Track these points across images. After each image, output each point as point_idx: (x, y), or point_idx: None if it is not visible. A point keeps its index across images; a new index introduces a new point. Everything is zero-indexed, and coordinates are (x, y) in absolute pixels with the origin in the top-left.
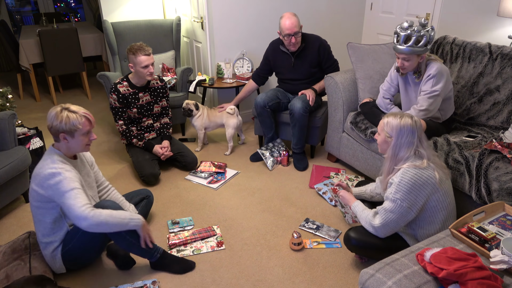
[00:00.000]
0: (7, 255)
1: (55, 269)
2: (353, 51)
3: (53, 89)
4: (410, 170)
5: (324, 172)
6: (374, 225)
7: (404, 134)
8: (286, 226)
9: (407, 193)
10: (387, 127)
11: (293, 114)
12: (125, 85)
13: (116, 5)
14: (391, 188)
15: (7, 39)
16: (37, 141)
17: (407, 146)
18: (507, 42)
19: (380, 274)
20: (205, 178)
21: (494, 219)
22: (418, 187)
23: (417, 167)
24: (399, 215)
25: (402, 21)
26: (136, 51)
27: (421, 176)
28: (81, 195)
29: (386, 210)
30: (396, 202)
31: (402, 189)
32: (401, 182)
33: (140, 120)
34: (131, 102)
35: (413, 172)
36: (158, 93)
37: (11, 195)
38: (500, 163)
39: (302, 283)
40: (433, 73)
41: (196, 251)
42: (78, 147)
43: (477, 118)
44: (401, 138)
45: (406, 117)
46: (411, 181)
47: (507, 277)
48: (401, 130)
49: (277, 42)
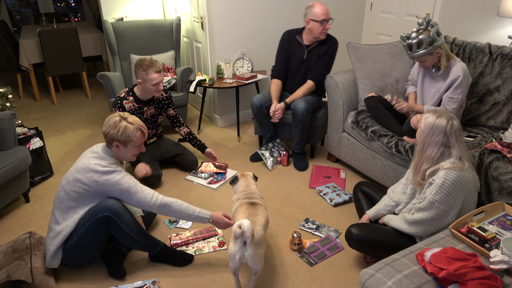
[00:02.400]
0: (8, 255)
1: (51, 263)
2: (353, 51)
3: (53, 89)
4: (452, 172)
5: (324, 172)
6: (407, 219)
7: (434, 134)
8: (286, 226)
9: (447, 195)
10: (423, 122)
11: (296, 114)
12: (130, 101)
13: (116, 5)
14: (431, 189)
15: (7, 39)
16: (37, 141)
17: (436, 145)
18: (507, 42)
19: (380, 274)
20: (205, 178)
21: (494, 219)
22: (459, 188)
23: (458, 168)
24: (434, 216)
25: (402, 21)
26: (148, 68)
27: (463, 178)
28: (145, 188)
29: (421, 209)
30: (434, 204)
31: (443, 191)
32: (444, 184)
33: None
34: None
35: (456, 174)
36: (163, 105)
37: (11, 195)
38: (500, 162)
39: (302, 283)
40: (460, 80)
41: (198, 251)
42: (127, 156)
43: (477, 118)
44: (430, 136)
45: (443, 118)
46: (453, 183)
47: (507, 277)
48: (432, 129)
49: (293, 32)
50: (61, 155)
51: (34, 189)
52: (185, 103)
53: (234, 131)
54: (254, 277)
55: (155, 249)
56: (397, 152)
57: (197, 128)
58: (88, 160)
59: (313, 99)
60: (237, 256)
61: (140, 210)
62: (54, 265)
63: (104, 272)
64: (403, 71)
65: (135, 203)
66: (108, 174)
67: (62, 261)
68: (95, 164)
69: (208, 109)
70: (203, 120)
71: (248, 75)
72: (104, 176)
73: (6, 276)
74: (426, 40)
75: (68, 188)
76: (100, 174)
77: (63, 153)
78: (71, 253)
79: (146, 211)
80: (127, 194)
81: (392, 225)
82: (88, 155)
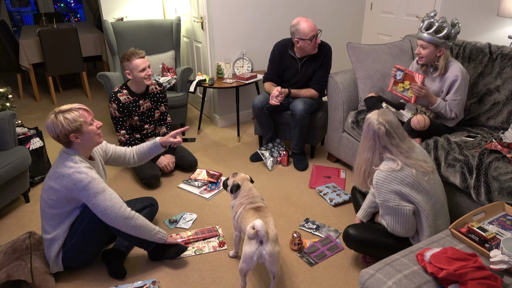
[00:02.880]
0: (8, 255)
1: (54, 268)
2: (353, 51)
3: (53, 89)
4: (382, 172)
5: (324, 172)
6: (386, 227)
7: (366, 138)
8: (286, 226)
9: (386, 193)
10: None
11: (295, 115)
12: (125, 93)
13: (116, 5)
14: (374, 192)
15: (7, 39)
16: (37, 141)
17: (370, 150)
18: (507, 42)
19: (380, 274)
20: (198, 187)
21: (494, 219)
22: (391, 184)
23: (388, 169)
24: (396, 214)
25: (402, 21)
26: (130, 57)
27: (396, 176)
28: (115, 195)
29: (383, 215)
30: (383, 204)
31: (381, 190)
32: (377, 184)
33: (142, 127)
34: (132, 110)
35: (384, 174)
36: (158, 98)
37: (11, 195)
38: (500, 163)
39: (302, 283)
40: (460, 80)
41: (198, 251)
42: (92, 140)
43: (477, 118)
44: (363, 141)
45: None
46: (384, 180)
47: (507, 277)
48: (364, 133)
49: (284, 44)
50: None
51: (34, 189)
52: (185, 103)
53: (234, 131)
54: (274, 282)
55: (151, 245)
56: None
57: (197, 128)
58: (57, 165)
59: (312, 101)
60: (255, 256)
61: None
62: (58, 269)
63: (104, 272)
64: None
65: (101, 210)
66: (76, 175)
67: (64, 263)
68: (63, 167)
69: (208, 109)
70: (203, 120)
71: (248, 75)
72: (71, 180)
73: (6, 276)
74: (446, 31)
75: (45, 196)
76: (68, 177)
77: None
78: (73, 254)
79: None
80: (94, 200)
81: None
82: (56, 162)
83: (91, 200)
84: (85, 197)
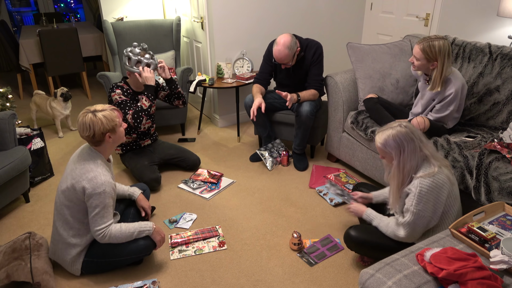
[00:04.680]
0: (7, 255)
1: (71, 270)
2: (353, 51)
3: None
4: (425, 179)
5: (324, 172)
6: (400, 236)
7: (405, 145)
8: (286, 226)
9: (427, 202)
10: (387, 147)
11: (300, 116)
12: (125, 86)
13: (116, 5)
14: (410, 199)
15: (7, 39)
16: (38, 141)
17: (412, 154)
18: (507, 42)
19: (380, 274)
20: (198, 187)
21: (494, 219)
22: (437, 193)
23: (430, 175)
24: (422, 225)
25: (402, 21)
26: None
27: (437, 182)
28: (109, 214)
29: (409, 223)
30: (419, 214)
31: (422, 199)
32: (420, 193)
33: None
34: (130, 102)
35: (429, 181)
36: (155, 92)
37: (11, 195)
38: (499, 163)
39: (302, 283)
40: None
41: (198, 251)
42: (120, 139)
43: (477, 118)
44: (404, 151)
45: (395, 128)
46: (429, 189)
47: (507, 277)
48: (401, 143)
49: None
50: (61, 155)
51: (34, 189)
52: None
53: (234, 131)
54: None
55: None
56: None
57: (197, 128)
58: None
59: (315, 102)
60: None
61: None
62: (77, 273)
63: (104, 272)
64: (403, 71)
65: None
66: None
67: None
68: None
69: (208, 109)
70: (203, 120)
71: (248, 75)
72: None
73: (6, 276)
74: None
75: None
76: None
77: (63, 153)
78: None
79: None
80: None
81: (381, 230)
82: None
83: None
84: (89, 201)
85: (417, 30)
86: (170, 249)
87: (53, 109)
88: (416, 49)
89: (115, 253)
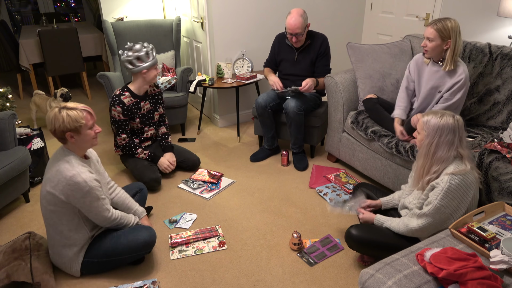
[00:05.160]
0: (7, 255)
1: (70, 272)
2: (353, 51)
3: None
4: (456, 177)
5: (324, 172)
6: (411, 226)
7: (443, 133)
8: (286, 226)
9: (452, 200)
10: (426, 125)
11: (288, 113)
12: (127, 95)
13: (116, 5)
14: (436, 193)
15: (7, 39)
16: (38, 141)
17: (446, 145)
18: (507, 42)
19: (380, 274)
20: (198, 187)
21: (494, 219)
22: (463, 192)
23: (461, 172)
24: (439, 221)
25: (402, 21)
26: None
27: (467, 181)
28: (104, 199)
29: (427, 215)
30: (440, 209)
31: (448, 196)
32: (449, 189)
33: (142, 130)
34: (134, 112)
35: (460, 179)
36: (157, 99)
37: (11, 195)
38: (500, 163)
39: (302, 283)
40: (462, 82)
41: (198, 251)
42: (87, 143)
43: (477, 118)
44: (439, 137)
45: (447, 116)
46: (458, 187)
47: (507, 277)
48: (439, 129)
49: (283, 35)
50: None
51: (34, 189)
52: (185, 103)
53: (234, 131)
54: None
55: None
56: (397, 153)
57: (197, 128)
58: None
59: (306, 98)
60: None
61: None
62: (76, 274)
63: (104, 272)
64: (403, 71)
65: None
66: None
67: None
68: (57, 171)
69: (208, 109)
70: (203, 120)
71: (248, 75)
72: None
73: (6, 276)
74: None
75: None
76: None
77: None
78: (92, 268)
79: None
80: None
81: (393, 229)
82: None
83: (84, 208)
84: (80, 204)
85: (417, 30)
86: (170, 249)
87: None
88: (429, 30)
89: (115, 252)
